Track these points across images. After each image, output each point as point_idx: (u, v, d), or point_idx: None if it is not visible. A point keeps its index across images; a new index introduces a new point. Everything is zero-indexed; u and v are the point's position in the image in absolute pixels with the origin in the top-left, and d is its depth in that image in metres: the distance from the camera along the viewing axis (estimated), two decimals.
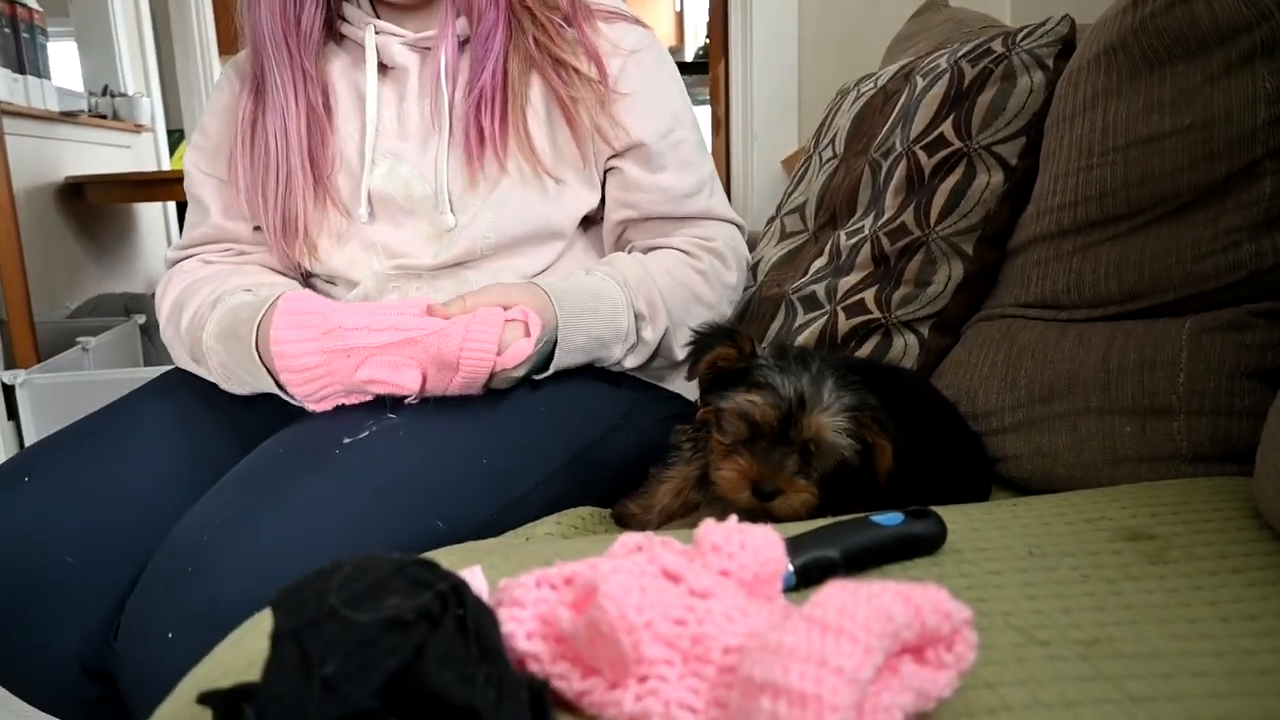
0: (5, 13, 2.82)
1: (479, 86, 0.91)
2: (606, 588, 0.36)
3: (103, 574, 0.76)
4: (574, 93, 0.92)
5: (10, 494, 0.78)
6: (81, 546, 0.76)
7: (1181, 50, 0.76)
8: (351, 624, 0.34)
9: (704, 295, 0.97)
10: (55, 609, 0.75)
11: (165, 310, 0.95)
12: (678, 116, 0.98)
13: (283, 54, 0.92)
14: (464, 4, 0.91)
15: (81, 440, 0.85)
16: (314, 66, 0.93)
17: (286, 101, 0.92)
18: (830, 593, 0.36)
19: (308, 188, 0.93)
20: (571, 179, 0.94)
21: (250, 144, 0.94)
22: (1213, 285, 0.75)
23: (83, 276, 3.11)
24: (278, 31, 0.91)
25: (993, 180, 0.94)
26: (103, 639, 0.75)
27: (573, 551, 0.59)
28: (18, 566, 0.74)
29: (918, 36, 1.54)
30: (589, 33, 0.94)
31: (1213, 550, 0.55)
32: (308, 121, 0.93)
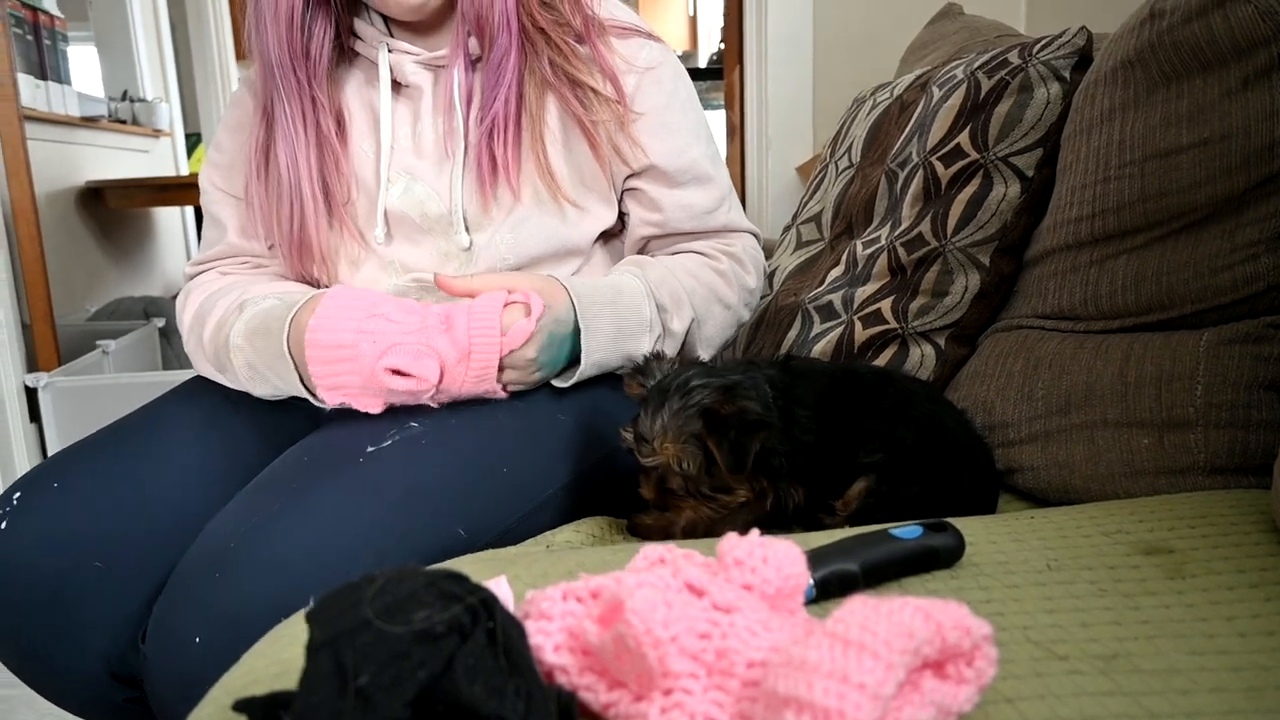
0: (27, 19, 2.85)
1: (491, 114, 0.90)
2: (633, 603, 0.37)
3: (130, 579, 0.78)
4: (593, 115, 0.91)
5: (40, 500, 0.79)
6: (109, 551, 0.77)
7: (1199, 64, 0.76)
8: (385, 636, 0.35)
9: (724, 295, 0.97)
10: (83, 613, 0.76)
11: (187, 322, 0.96)
12: (695, 133, 0.98)
13: (290, 83, 0.91)
14: (474, 25, 0.90)
15: (109, 446, 0.86)
16: (324, 92, 0.93)
17: (295, 132, 0.92)
18: (852, 608, 0.37)
19: (320, 217, 0.93)
20: (592, 203, 0.94)
21: (264, 172, 0.94)
22: (1230, 298, 0.75)
23: (102, 280, 3.15)
24: (285, 61, 0.90)
25: (1009, 191, 0.95)
26: (130, 643, 0.77)
27: (593, 561, 0.60)
28: (47, 571, 0.76)
29: (933, 44, 1.54)
30: (603, 50, 0.93)
31: (1230, 565, 0.55)
32: (319, 150, 0.93)
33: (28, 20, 2.86)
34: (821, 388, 0.79)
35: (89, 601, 0.76)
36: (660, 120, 0.95)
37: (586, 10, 0.94)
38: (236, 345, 0.86)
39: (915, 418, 0.78)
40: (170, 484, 0.83)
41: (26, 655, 0.78)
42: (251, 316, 0.86)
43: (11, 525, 0.77)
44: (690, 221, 0.98)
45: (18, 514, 0.77)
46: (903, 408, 0.79)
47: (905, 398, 0.81)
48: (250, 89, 0.98)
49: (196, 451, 0.87)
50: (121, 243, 3.29)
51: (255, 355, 0.84)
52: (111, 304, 2.95)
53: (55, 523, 0.77)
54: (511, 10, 0.89)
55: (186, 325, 0.96)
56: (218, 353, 0.89)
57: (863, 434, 0.76)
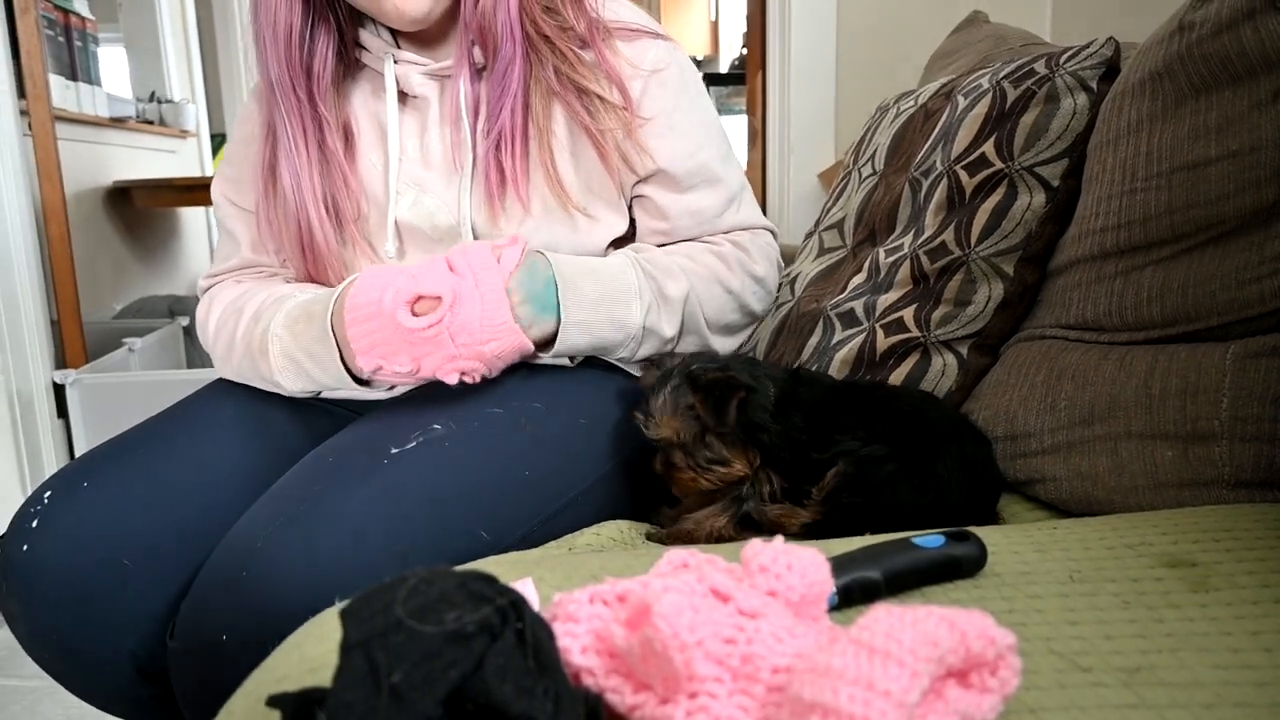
0: (59, 21, 2.90)
1: (498, 126, 0.89)
2: (660, 607, 0.37)
3: (158, 577, 0.79)
4: (600, 124, 0.90)
5: (69, 499, 0.80)
6: (138, 550, 0.79)
7: (1228, 77, 0.76)
8: (417, 635, 0.36)
9: (724, 277, 0.95)
10: (111, 611, 0.78)
11: (213, 327, 0.96)
12: (705, 132, 0.97)
13: (291, 102, 0.90)
14: (477, 34, 0.89)
15: (138, 446, 0.87)
16: (329, 108, 0.92)
17: (297, 150, 0.91)
18: (877, 617, 0.37)
19: (329, 235, 0.93)
20: (602, 211, 0.94)
21: (271, 190, 0.94)
22: (1257, 310, 0.75)
23: (128, 278, 3.19)
24: (285, 80, 0.90)
25: (1034, 201, 0.95)
26: (157, 640, 0.78)
27: (616, 565, 0.61)
28: (76, 569, 0.77)
29: (958, 53, 1.54)
30: (608, 55, 0.92)
31: (1255, 579, 0.55)
32: (324, 168, 0.92)
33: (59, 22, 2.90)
34: (819, 395, 0.83)
35: (117, 599, 0.78)
36: (668, 123, 0.94)
37: (590, 14, 0.92)
38: (275, 334, 0.86)
39: (896, 412, 0.81)
40: (198, 484, 0.85)
41: (55, 651, 0.79)
42: (294, 306, 0.87)
43: (42, 524, 0.78)
44: (698, 227, 0.97)
45: (48, 513, 0.79)
46: (887, 405, 0.82)
47: (891, 399, 0.84)
48: (259, 101, 0.98)
49: (224, 452, 0.88)
50: (148, 242, 3.34)
51: (294, 342, 0.85)
52: (137, 302, 2.99)
53: (85, 522, 0.79)
54: (515, 19, 0.88)
55: (212, 330, 0.96)
56: (251, 347, 0.89)
57: (844, 429, 0.79)
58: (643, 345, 0.89)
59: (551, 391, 0.88)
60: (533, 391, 0.87)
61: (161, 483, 0.84)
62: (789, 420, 0.79)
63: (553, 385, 0.89)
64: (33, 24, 2.07)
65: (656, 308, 0.88)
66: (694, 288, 0.91)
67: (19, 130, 2.08)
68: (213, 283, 1.02)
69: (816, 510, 0.76)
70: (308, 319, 0.84)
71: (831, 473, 0.76)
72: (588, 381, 0.93)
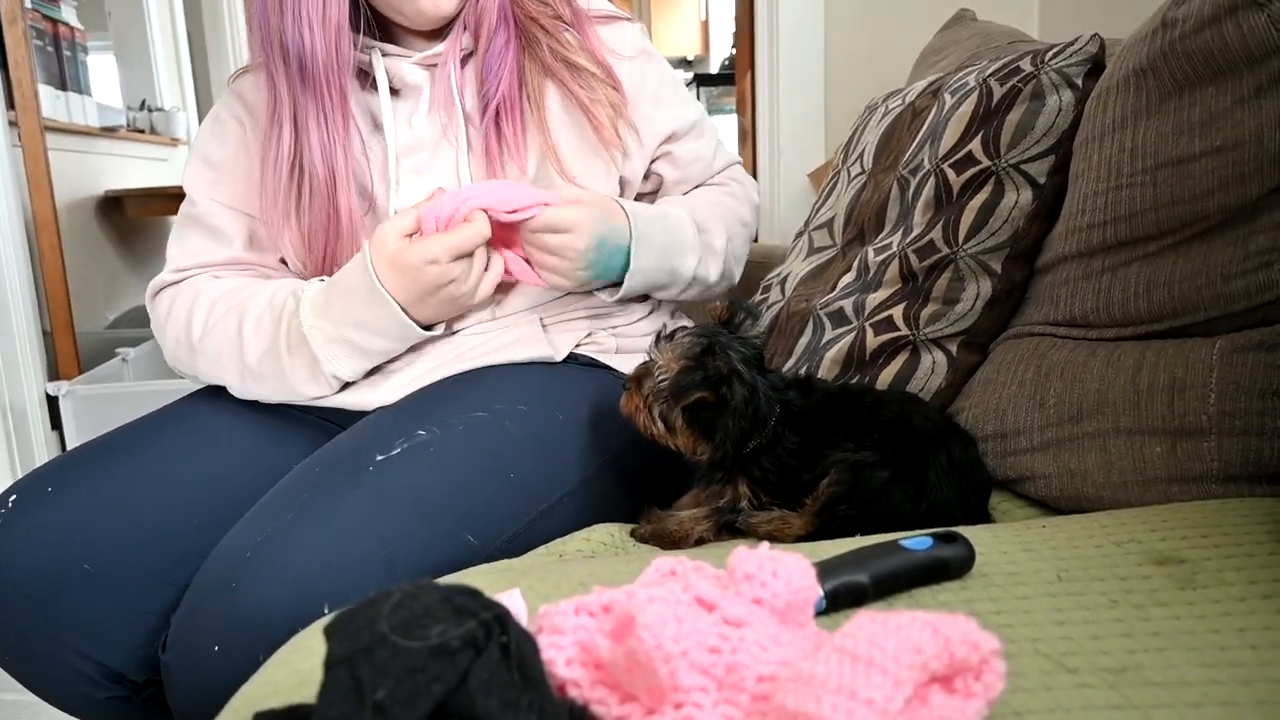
0: (48, 31, 2.90)
1: (498, 95, 0.93)
2: (644, 618, 0.37)
3: (120, 582, 0.80)
4: (592, 95, 0.96)
5: (33, 502, 0.81)
6: (98, 556, 0.79)
7: (1211, 72, 0.76)
8: (401, 651, 0.36)
9: (742, 215, 1.12)
10: (69, 614, 0.78)
11: (198, 324, 0.93)
12: (684, 92, 1.10)
13: (334, 95, 0.91)
14: (474, 24, 0.94)
15: (105, 454, 0.88)
16: (355, 103, 0.94)
17: (335, 141, 0.91)
18: (861, 624, 0.37)
19: (360, 226, 0.94)
20: (591, 182, 0.98)
21: (299, 183, 0.93)
22: (1243, 305, 0.75)
23: (121, 288, 3.18)
24: (334, 69, 0.90)
25: (1021, 198, 0.95)
26: (116, 644, 0.79)
27: (605, 572, 0.61)
28: (35, 572, 0.78)
29: (946, 50, 1.54)
30: (592, 39, 0.98)
31: (1242, 575, 0.55)
32: (351, 158, 0.93)
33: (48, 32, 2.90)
34: (812, 407, 0.83)
35: (75, 603, 0.78)
36: (666, 92, 1.06)
37: (575, 3, 0.99)
38: (313, 327, 0.87)
39: (882, 421, 0.82)
40: (164, 494, 0.85)
41: (13, 652, 0.80)
42: (317, 293, 0.89)
43: (4, 526, 0.79)
44: (703, 173, 1.12)
45: (11, 516, 0.80)
46: (873, 414, 0.83)
47: (877, 406, 0.84)
48: (245, 105, 0.99)
49: (192, 465, 0.89)
50: (140, 251, 3.33)
51: (341, 321, 0.87)
52: (130, 312, 2.99)
53: (46, 526, 0.80)
54: (506, 6, 0.95)
55: (199, 326, 0.94)
56: (278, 344, 0.89)
57: (833, 444, 0.80)
58: (687, 290, 1.03)
59: (536, 392, 0.89)
60: (517, 393, 0.88)
61: (128, 491, 0.84)
62: (783, 444, 0.80)
63: (537, 385, 0.91)
64: (20, 34, 2.06)
65: (704, 259, 1.01)
66: (730, 234, 1.06)
67: (9, 141, 2.08)
68: (182, 277, 0.99)
69: (810, 522, 0.76)
70: (347, 293, 0.87)
71: (825, 483, 0.76)
72: (572, 380, 0.94)
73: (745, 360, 0.79)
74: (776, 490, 0.80)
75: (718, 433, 0.78)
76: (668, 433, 0.80)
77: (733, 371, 0.77)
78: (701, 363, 0.77)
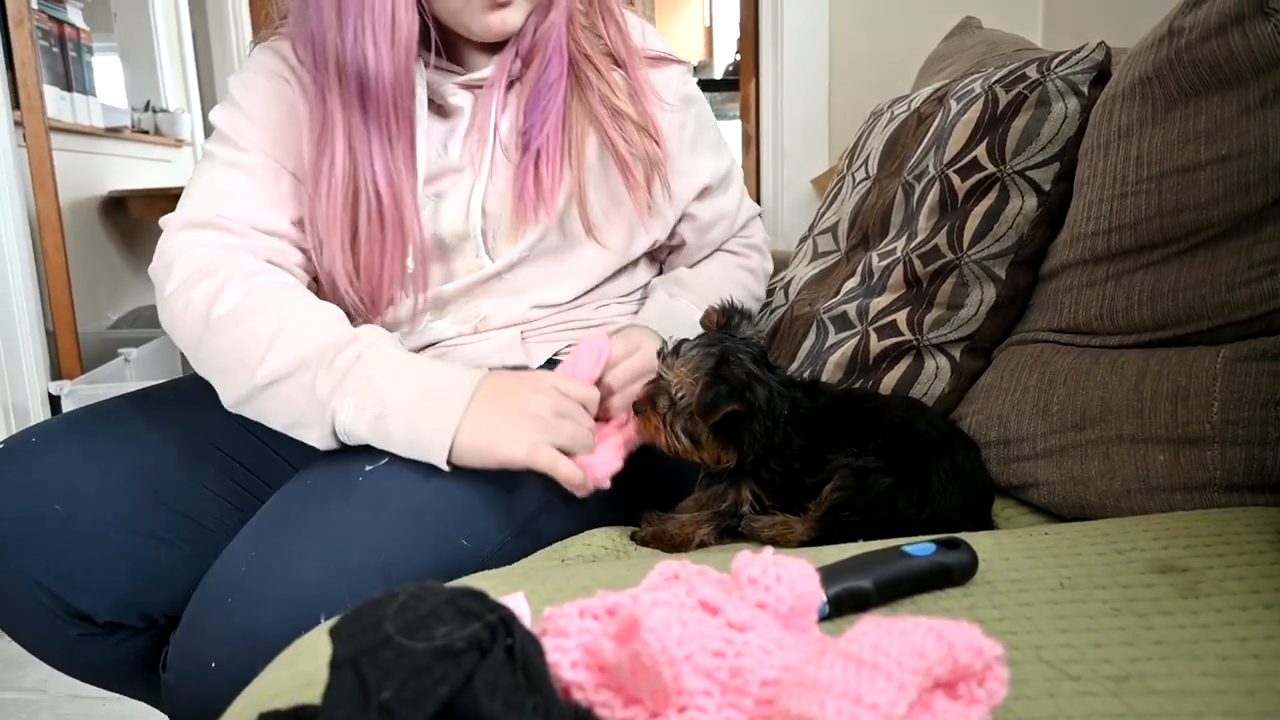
0: (54, 32, 2.91)
1: (543, 134, 0.88)
2: (649, 621, 0.37)
3: (93, 526, 0.81)
4: (632, 148, 0.91)
5: (18, 451, 0.83)
6: (75, 500, 0.81)
7: (1217, 81, 0.76)
8: (406, 652, 0.36)
9: (755, 290, 1.11)
10: (41, 552, 0.80)
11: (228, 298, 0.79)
12: (720, 143, 1.06)
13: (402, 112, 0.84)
14: (527, 49, 0.89)
15: (97, 416, 0.89)
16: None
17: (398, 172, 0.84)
18: (865, 629, 0.37)
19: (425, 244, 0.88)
20: (608, 238, 0.96)
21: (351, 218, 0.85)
22: (1247, 314, 0.75)
23: (124, 288, 3.19)
24: (402, 88, 0.83)
25: (1026, 205, 0.95)
26: (86, 584, 0.81)
27: (608, 576, 0.61)
28: (13, 514, 0.79)
29: (951, 57, 1.54)
30: (641, 84, 0.93)
31: (1245, 585, 0.55)
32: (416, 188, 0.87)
33: (54, 33, 2.91)
34: (818, 410, 0.83)
35: (48, 541, 0.80)
36: (704, 141, 1.03)
37: (629, 40, 0.95)
38: (374, 379, 0.76)
39: (885, 427, 0.81)
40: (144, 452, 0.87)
41: None
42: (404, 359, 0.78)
43: None
44: (726, 232, 1.10)
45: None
46: (877, 419, 0.82)
47: (880, 411, 0.84)
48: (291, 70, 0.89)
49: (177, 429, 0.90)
50: (143, 251, 3.34)
51: (393, 380, 0.76)
52: (133, 312, 2.99)
53: (27, 472, 0.81)
54: (564, 36, 0.90)
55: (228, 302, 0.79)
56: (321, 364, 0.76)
57: (836, 448, 0.80)
58: None
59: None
60: None
61: (108, 448, 0.85)
62: (789, 447, 0.80)
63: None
64: (27, 35, 2.07)
65: None
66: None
67: (14, 141, 2.08)
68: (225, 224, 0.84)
69: (813, 527, 0.76)
70: (428, 372, 0.78)
71: (828, 489, 0.76)
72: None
73: (755, 361, 0.79)
74: (779, 494, 0.80)
75: (745, 438, 0.78)
76: (694, 448, 0.79)
77: (751, 376, 0.77)
78: (720, 375, 0.76)
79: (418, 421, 0.74)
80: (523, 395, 0.78)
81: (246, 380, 0.78)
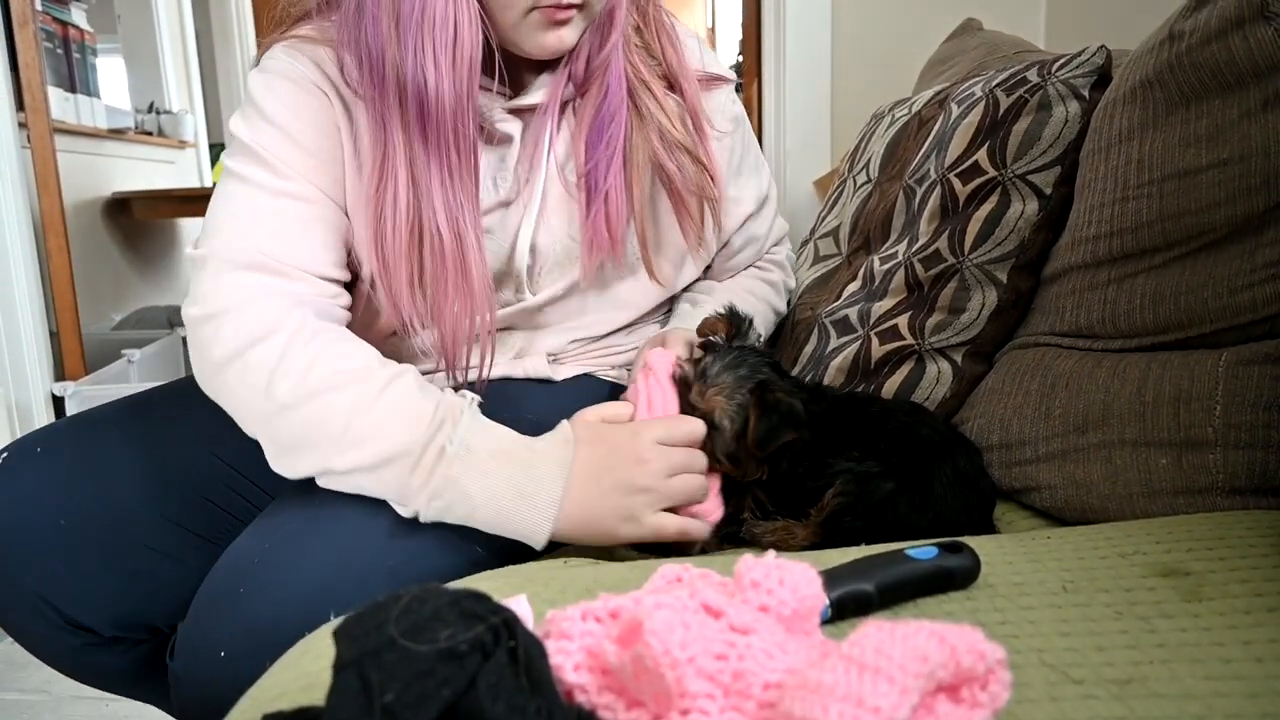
0: (58, 34, 2.91)
1: (608, 180, 0.83)
2: (651, 624, 0.38)
3: (95, 539, 0.81)
4: (686, 182, 0.88)
5: (21, 461, 0.82)
6: (77, 512, 0.81)
7: (1218, 85, 0.76)
8: (410, 654, 0.36)
9: (778, 305, 1.11)
10: (42, 566, 0.79)
11: (317, 374, 0.71)
12: (759, 155, 1.07)
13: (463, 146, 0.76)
14: (580, 73, 0.83)
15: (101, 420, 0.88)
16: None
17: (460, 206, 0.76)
18: (868, 632, 0.37)
19: (489, 295, 0.80)
20: (667, 274, 0.94)
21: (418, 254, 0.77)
22: (1249, 318, 0.75)
23: (127, 289, 3.19)
24: (463, 113, 0.75)
25: (1027, 209, 0.95)
26: (87, 597, 0.80)
27: (611, 579, 0.61)
28: (14, 525, 0.79)
29: (952, 59, 1.54)
30: (696, 110, 0.89)
31: (1247, 588, 0.55)
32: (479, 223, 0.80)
33: (58, 34, 2.91)
34: (822, 414, 0.83)
35: (50, 556, 0.79)
36: (745, 162, 1.02)
37: (684, 60, 0.90)
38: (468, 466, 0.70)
39: (887, 431, 0.82)
40: (147, 461, 0.86)
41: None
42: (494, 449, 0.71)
43: None
44: (754, 255, 1.10)
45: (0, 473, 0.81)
46: (879, 424, 0.83)
47: (883, 416, 0.85)
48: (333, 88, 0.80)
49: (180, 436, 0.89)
50: (146, 252, 3.34)
51: (508, 471, 0.70)
52: (136, 313, 3.00)
53: (31, 483, 0.81)
54: (622, 61, 0.84)
55: (316, 378, 0.71)
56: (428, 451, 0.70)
57: (838, 452, 0.80)
58: None
59: (536, 402, 0.88)
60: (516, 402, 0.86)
61: (111, 456, 0.85)
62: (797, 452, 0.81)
63: (537, 396, 0.90)
64: (31, 37, 2.07)
65: None
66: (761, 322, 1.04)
67: (18, 143, 2.09)
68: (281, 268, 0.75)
69: (815, 532, 0.76)
70: (517, 445, 0.72)
71: (830, 493, 0.76)
72: (571, 390, 0.94)
73: (782, 376, 0.80)
74: (781, 499, 0.80)
75: (784, 455, 0.79)
76: (733, 467, 0.80)
77: (791, 393, 0.78)
78: (771, 405, 0.77)
79: (507, 524, 0.70)
80: (624, 468, 0.71)
81: (318, 464, 0.71)
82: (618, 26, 0.82)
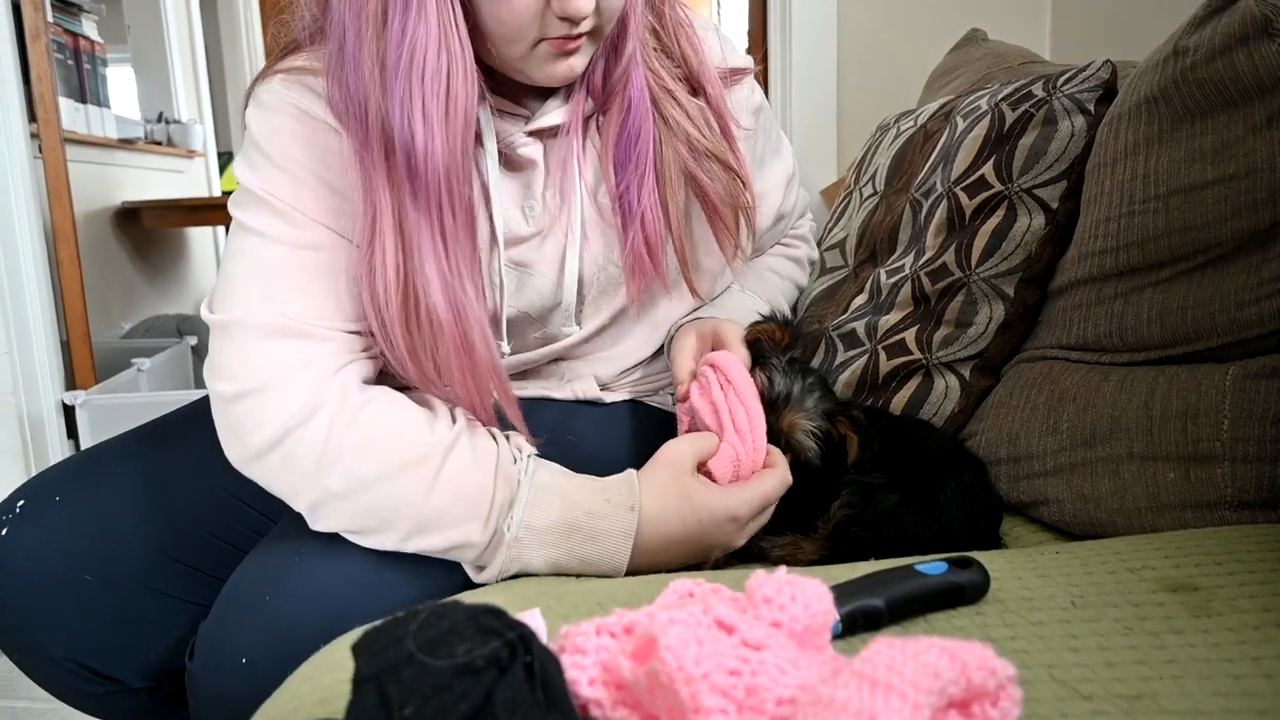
0: (69, 45, 2.93)
1: (643, 203, 0.79)
2: (666, 639, 0.38)
3: (120, 592, 0.80)
4: (718, 190, 0.84)
5: (39, 510, 0.81)
6: (100, 566, 0.80)
7: (1222, 101, 0.77)
8: (428, 669, 0.37)
9: (800, 280, 1.15)
10: (68, 622, 0.79)
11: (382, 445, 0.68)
12: (780, 134, 1.07)
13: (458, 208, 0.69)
14: (599, 88, 0.79)
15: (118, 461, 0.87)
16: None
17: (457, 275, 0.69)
18: (879, 649, 0.38)
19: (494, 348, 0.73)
20: (705, 288, 0.93)
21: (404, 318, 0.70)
22: (1256, 332, 0.76)
23: (137, 298, 3.21)
24: (456, 172, 0.67)
25: (1034, 223, 0.95)
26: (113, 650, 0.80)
27: (622, 594, 0.61)
28: (36, 581, 0.78)
29: (957, 70, 1.55)
30: (722, 111, 0.85)
31: (1256, 603, 0.55)
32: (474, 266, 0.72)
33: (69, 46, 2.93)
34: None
35: (75, 612, 0.79)
36: (767, 149, 1.02)
37: (704, 59, 0.85)
38: (520, 538, 0.69)
39: (895, 445, 0.83)
40: (169, 504, 0.85)
41: (17, 652, 0.81)
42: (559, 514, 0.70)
43: (11, 533, 0.79)
44: (781, 233, 1.12)
45: (18, 523, 0.79)
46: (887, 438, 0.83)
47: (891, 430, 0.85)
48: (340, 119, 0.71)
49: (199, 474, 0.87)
50: (156, 262, 3.36)
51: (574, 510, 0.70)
52: (145, 322, 3.01)
53: (51, 536, 0.79)
54: (642, 72, 0.79)
55: (347, 458, 0.67)
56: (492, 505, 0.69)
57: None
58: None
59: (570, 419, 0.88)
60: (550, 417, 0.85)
61: (130, 502, 0.84)
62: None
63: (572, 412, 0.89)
64: (43, 50, 2.09)
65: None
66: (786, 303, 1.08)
67: (30, 153, 2.10)
68: (323, 335, 0.71)
69: (823, 546, 0.77)
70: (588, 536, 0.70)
71: (836, 505, 0.77)
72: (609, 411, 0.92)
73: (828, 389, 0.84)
74: (790, 512, 0.80)
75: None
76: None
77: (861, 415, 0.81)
78: (860, 425, 0.80)
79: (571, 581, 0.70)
80: (709, 539, 0.73)
81: (381, 542, 0.69)
82: (632, 35, 0.78)
